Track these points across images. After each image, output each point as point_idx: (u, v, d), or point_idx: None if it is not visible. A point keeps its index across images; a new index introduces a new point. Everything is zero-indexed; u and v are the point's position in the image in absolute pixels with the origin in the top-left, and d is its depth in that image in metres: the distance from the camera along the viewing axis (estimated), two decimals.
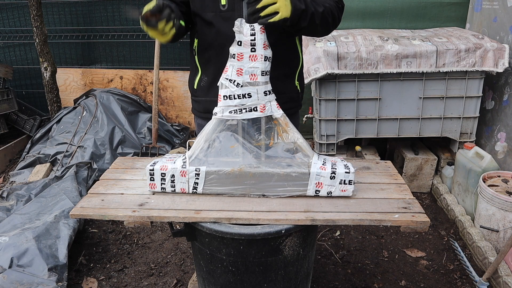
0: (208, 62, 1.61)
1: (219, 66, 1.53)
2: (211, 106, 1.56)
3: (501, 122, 2.84)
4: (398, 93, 2.85)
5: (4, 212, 2.63)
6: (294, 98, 1.70)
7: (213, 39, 1.55)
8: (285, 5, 1.31)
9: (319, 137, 3.01)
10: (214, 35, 1.54)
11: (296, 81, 1.68)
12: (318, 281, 2.20)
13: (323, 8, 1.44)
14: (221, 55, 1.53)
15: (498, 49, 2.71)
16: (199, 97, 1.70)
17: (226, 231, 1.33)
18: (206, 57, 1.60)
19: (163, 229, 2.70)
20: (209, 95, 1.64)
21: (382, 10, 3.43)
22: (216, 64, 1.56)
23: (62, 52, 4.17)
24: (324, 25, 1.48)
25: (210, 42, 1.57)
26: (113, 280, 2.24)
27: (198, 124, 1.79)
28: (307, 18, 1.40)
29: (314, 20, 1.42)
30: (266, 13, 1.30)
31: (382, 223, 1.36)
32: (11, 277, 1.99)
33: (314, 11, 1.41)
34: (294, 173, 1.44)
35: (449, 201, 2.80)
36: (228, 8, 1.49)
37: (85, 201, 1.48)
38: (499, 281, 2.05)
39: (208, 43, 1.57)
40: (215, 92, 1.55)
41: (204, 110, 1.69)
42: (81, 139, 3.35)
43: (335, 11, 1.50)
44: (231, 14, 1.49)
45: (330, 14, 1.48)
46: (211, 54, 1.59)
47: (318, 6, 1.44)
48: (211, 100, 1.60)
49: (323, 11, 1.44)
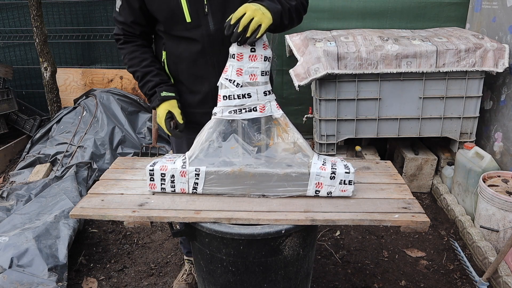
0: (179, 75, 1.65)
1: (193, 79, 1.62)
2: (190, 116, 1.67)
3: (498, 122, 2.85)
4: (398, 93, 2.85)
5: (4, 212, 2.63)
6: None
7: (182, 53, 1.58)
8: (262, 14, 1.30)
9: (319, 137, 3.00)
10: (183, 49, 1.57)
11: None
12: (318, 281, 2.20)
13: (295, 2, 1.47)
14: (192, 68, 1.60)
15: (498, 49, 2.71)
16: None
17: (226, 231, 1.33)
18: (178, 70, 1.63)
19: (163, 229, 2.71)
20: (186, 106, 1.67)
21: (382, 10, 3.43)
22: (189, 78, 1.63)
23: (62, 52, 4.17)
24: (298, 16, 1.53)
25: (179, 55, 1.60)
26: (113, 280, 2.24)
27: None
28: (287, 15, 1.42)
29: (292, 14, 1.46)
30: (251, 31, 1.29)
31: (382, 223, 1.36)
32: (11, 277, 1.99)
33: (289, 6, 1.44)
34: (294, 173, 1.44)
35: (449, 201, 2.80)
36: (194, 24, 1.51)
37: (85, 201, 1.48)
38: (499, 281, 2.05)
39: (177, 56, 1.61)
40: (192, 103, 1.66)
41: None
42: (81, 139, 3.35)
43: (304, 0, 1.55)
44: (197, 31, 1.52)
45: (301, 4, 1.52)
46: (181, 68, 1.62)
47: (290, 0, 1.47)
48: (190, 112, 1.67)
49: (296, 4, 1.48)
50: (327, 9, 3.43)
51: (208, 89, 1.63)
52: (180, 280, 2.12)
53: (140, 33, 1.63)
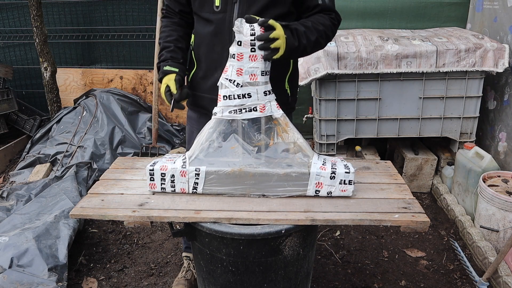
0: (200, 58, 1.69)
1: (208, 63, 1.65)
2: (199, 100, 1.72)
3: (502, 122, 2.84)
4: (398, 93, 2.85)
5: (4, 212, 2.63)
6: (284, 102, 1.70)
7: (204, 37, 1.63)
8: (283, 43, 1.37)
9: (319, 137, 3.00)
10: (206, 33, 1.62)
11: (286, 85, 1.70)
12: (318, 281, 2.20)
13: (316, 36, 1.49)
14: (211, 52, 1.63)
15: (498, 49, 2.71)
16: (191, 90, 1.77)
17: (226, 231, 1.33)
18: (200, 53, 1.68)
19: (163, 229, 2.70)
20: (197, 90, 1.72)
21: (382, 10, 3.43)
22: (206, 61, 1.66)
23: (62, 52, 4.17)
24: (317, 48, 1.56)
25: (202, 40, 1.65)
26: (113, 280, 2.24)
27: (188, 117, 1.89)
28: (298, 52, 1.48)
29: (306, 50, 1.50)
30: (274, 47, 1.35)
31: (382, 223, 1.36)
32: (11, 277, 1.99)
33: (306, 43, 1.47)
34: (294, 173, 1.44)
35: (449, 201, 2.80)
36: (221, 9, 1.55)
37: (85, 201, 1.48)
38: (499, 281, 2.05)
39: (201, 40, 1.66)
40: (203, 88, 1.69)
41: (193, 103, 1.78)
42: (81, 139, 3.35)
43: (329, 31, 1.55)
44: (222, 16, 1.56)
45: (324, 36, 1.53)
46: (202, 52, 1.67)
47: (311, 33, 1.48)
48: (199, 95, 1.72)
49: (316, 39, 1.49)
50: None
51: (219, 75, 1.63)
52: (179, 277, 2.13)
53: (178, 11, 1.72)
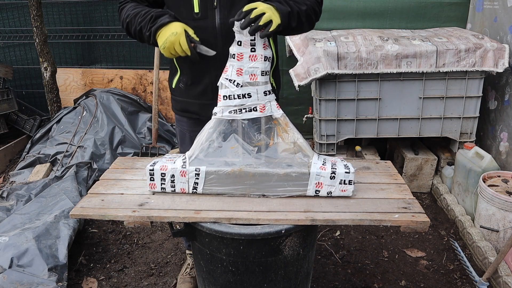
0: (184, 65, 1.65)
1: (194, 70, 1.61)
2: (188, 106, 1.70)
3: (503, 122, 2.84)
4: (398, 93, 2.85)
5: (4, 212, 2.63)
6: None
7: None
8: (273, 13, 1.34)
9: (319, 137, 3.00)
10: None
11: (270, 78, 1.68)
12: (318, 281, 2.20)
13: (305, 7, 1.49)
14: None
15: (498, 49, 2.71)
16: (177, 96, 1.75)
17: (226, 231, 1.33)
18: (182, 61, 1.63)
19: (163, 229, 2.70)
20: (186, 96, 1.70)
21: (382, 10, 3.43)
22: (192, 68, 1.62)
23: (62, 52, 4.17)
24: (309, 21, 1.55)
25: None
26: (113, 280, 2.24)
27: (177, 120, 1.87)
28: (295, 18, 1.45)
29: (301, 18, 1.47)
30: (264, 22, 1.31)
31: (382, 223, 1.36)
32: (11, 277, 1.99)
33: (299, 10, 1.46)
34: (294, 173, 1.44)
35: (449, 201, 2.80)
36: (201, 16, 1.52)
37: (85, 201, 1.48)
38: (499, 281, 2.05)
39: None
40: (191, 94, 1.66)
41: (182, 109, 1.76)
42: (81, 139, 3.35)
43: (315, 6, 1.56)
44: (204, 22, 1.53)
45: (312, 10, 1.54)
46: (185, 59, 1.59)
47: (301, 5, 1.49)
48: (187, 101, 1.69)
49: (306, 9, 1.50)
50: (327, 9, 3.42)
51: (208, 81, 1.63)
52: (184, 274, 2.13)
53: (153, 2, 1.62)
